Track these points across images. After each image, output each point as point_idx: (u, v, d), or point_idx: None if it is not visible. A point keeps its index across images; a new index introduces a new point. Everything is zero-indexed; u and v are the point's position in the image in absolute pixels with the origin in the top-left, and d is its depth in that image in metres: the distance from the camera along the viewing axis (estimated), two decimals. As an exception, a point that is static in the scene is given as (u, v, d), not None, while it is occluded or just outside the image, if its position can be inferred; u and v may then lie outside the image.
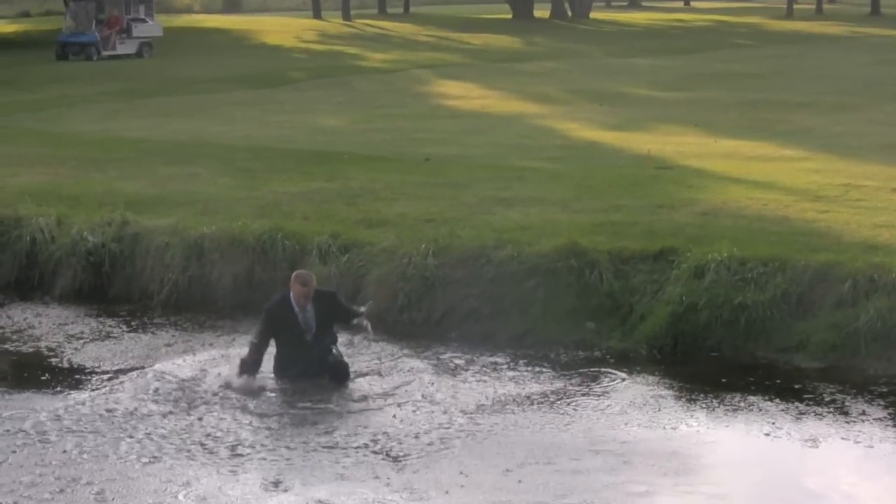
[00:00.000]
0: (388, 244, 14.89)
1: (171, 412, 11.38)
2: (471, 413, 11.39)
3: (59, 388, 12.29)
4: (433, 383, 12.16)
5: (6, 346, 13.99)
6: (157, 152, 21.85)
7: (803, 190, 17.42)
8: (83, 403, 11.63)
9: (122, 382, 12.18)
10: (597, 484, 9.83)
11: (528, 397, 11.86)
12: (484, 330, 13.75)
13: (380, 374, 12.50)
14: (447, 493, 9.71)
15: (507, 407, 11.59)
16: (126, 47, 45.95)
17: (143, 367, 12.64)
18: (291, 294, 12.08)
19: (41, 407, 11.60)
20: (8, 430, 11.01)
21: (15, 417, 11.35)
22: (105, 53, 44.98)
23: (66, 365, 13.15)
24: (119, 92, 32.79)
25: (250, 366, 12.02)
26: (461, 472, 10.07)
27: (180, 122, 26.15)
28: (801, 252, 13.74)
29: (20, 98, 31.30)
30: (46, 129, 25.24)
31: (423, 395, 11.84)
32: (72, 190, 18.37)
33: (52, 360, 13.38)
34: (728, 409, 11.58)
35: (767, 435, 10.98)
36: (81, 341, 14.00)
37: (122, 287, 15.81)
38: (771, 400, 11.75)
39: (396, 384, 12.15)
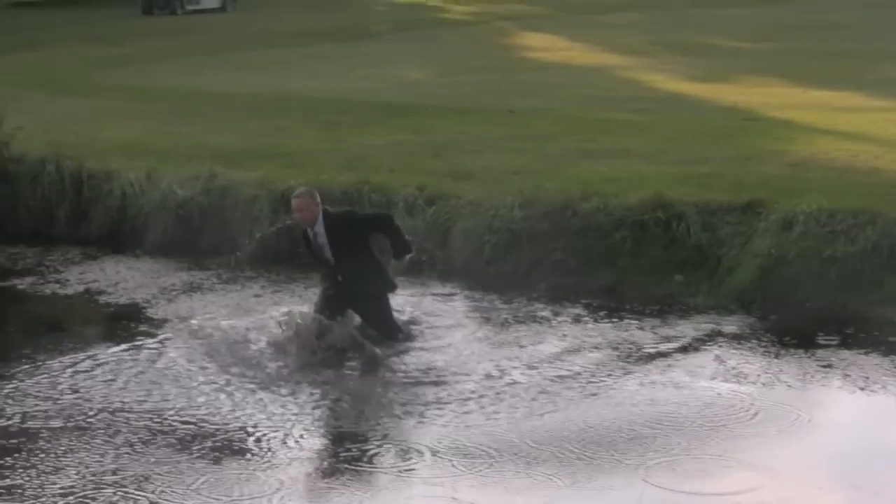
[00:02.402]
0: (474, 197, 14.93)
1: (258, 362, 11.56)
2: (556, 364, 11.45)
3: (153, 339, 12.50)
4: (520, 335, 12.24)
5: (101, 298, 14.23)
6: (243, 106, 21.98)
7: (894, 141, 17.22)
8: (176, 351, 11.92)
9: (211, 333, 12.36)
10: (677, 444, 9.84)
11: (615, 349, 11.90)
12: (570, 282, 13.78)
13: (463, 325, 12.60)
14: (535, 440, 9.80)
15: (592, 359, 11.63)
16: (210, 1, 46.12)
17: (233, 318, 12.82)
18: None
19: (136, 356, 11.88)
20: (106, 379, 11.32)
21: (111, 364, 11.69)
22: (189, 7, 45.18)
23: (159, 316, 13.35)
24: (204, 45, 32.95)
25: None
26: (551, 422, 10.15)
27: (265, 76, 26.26)
28: (891, 204, 13.57)
29: (107, 53, 31.54)
30: (133, 84, 25.44)
31: (510, 345, 11.93)
32: (160, 144, 18.55)
33: (147, 311, 13.60)
34: (820, 364, 11.48)
35: (862, 389, 10.91)
36: (173, 293, 14.22)
37: (212, 240, 15.98)
38: (865, 354, 11.66)
39: (482, 334, 12.24)
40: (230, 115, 21.05)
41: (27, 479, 9.33)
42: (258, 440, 9.94)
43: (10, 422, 10.49)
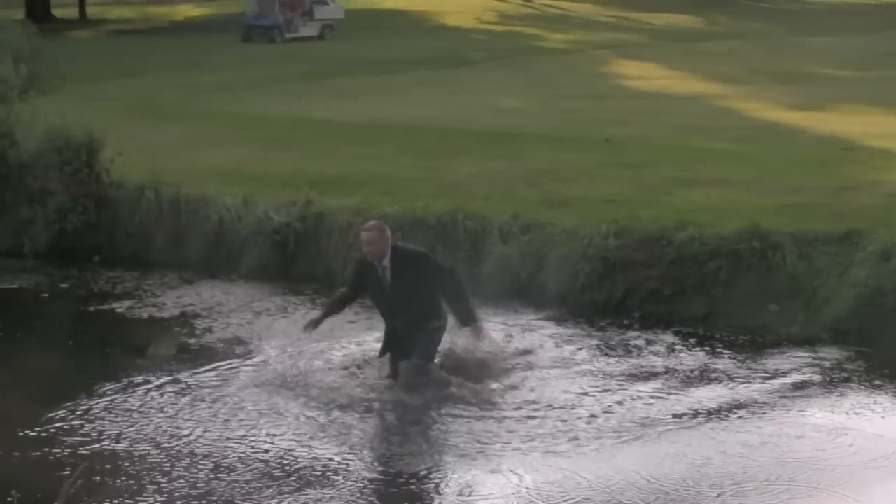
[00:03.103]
0: (568, 225, 14.92)
1: (349, 384, 11.66)
2: (648, 393, 11.40)
3: (247, 362, 12.62)
4: (612, 363, 12.21)
5: (196, 322, 14.38)
6: (340, 133, 22.13)
7: None
8: (270, 374, 12.09)
9: (306, 356, 12.47)
10: (770, 475, 9.73)
11: (707, 379, 11.82)
12: (664, 311, 13.72)
13: (555, 353, 12.59)
14: (627, 470, 9.75)
15: (685, 389, 11.55)
16: (308, 29, 46.56)
17: (325, 342, 12.90)
18: None
19: (227, 381, 12.03)
20: (196, 402, 11.48)
21: (203, 388, 11.85)
22: (288, 36, 45.64)
23: (253, 340, 13.46)
24: (302, 73, 33.24)
25: (327, 306, 12.20)
26: (640, 453, 10.10)
27: (362, 103, 26.42)
28: None
29: (206, 80, 31.92)
30: (232, 110, 25.71)
31: (601, 374, 11.90)
32: (257, 170, 18.71)
33: (241, 335, 13.72)
34: (917, 396, 11.37)
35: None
36: (268, 318, 14.33)
37: (307, 266, 16.10)
38: (964, 388, 11.51)
39: (574, 362, 12.23)
40: (327, 141, 21.20)
41: (113, 499, 9.43)
42: (340, 470, 9.99)
43: (101, 443, 10.63)
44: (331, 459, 10.19)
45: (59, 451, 10.45)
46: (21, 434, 10.86)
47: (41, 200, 17.84)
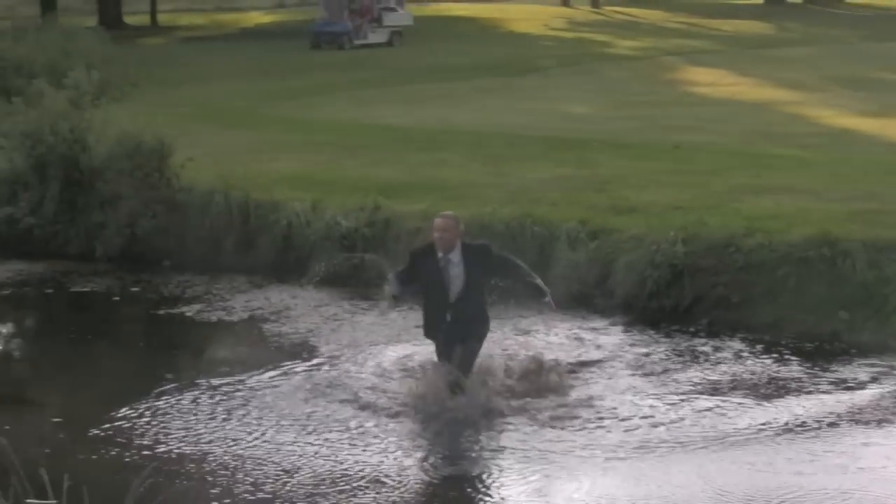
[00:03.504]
0: (636, 231, 14.89)
1: (405, 389, 11.71)
2: (715, 401, 11.35)
3: (312, 367, 12.69)
4: (679, 369, 12.17)
5: (266, 326, 14.48)
6: (408, 139, 22.20)
7: None
8: (334, 378, 12.18)
9: (370, 360, 12.55)
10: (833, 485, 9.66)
11: (775, 387, 11.75)
12: (731, 318, 13.65)
13: (622, 359, 12.58)
14: (690, 481, 9.70)
15: (752, 397, 11.49)
16: (377, 36, 46.68)
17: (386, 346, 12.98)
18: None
19: (294, 384, 12.11)
20: (268, 402, 11.58)
21: (273, 390, 11.95)
22: (357, 42, 45.78)
23: (321, 345, 13.54)
24: (370, 80, 33.35)
25: (397, 280, 11.65)
26: (704, 463, 10.06)
27: (430, 110, 26.48)
28: None
29: (276, 86, 32.11)
30: (301, 117, 25.85)
31: (668, 381, 11.86)
32: (326, 175, 18.81)
33: (309, 340, 13.80)
34: None
35: None
36: (336, 322, 14.41)
37: (374, 271, 16.13)
38: None
39: (640, 368, 12.20)
40: (395, 147, 21.27)
41: (179, 500, 9.52)
42: (397, 475, 10.04)
43: (168, 444, 10.74)
44: (388, 464, 10.22)
45: (127, 451, 10.59)
46: (91, 433, 11.03)
47: (113, 205, 18.05)
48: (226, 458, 10.43)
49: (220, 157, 19.78)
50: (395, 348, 13.02)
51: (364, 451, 10.49)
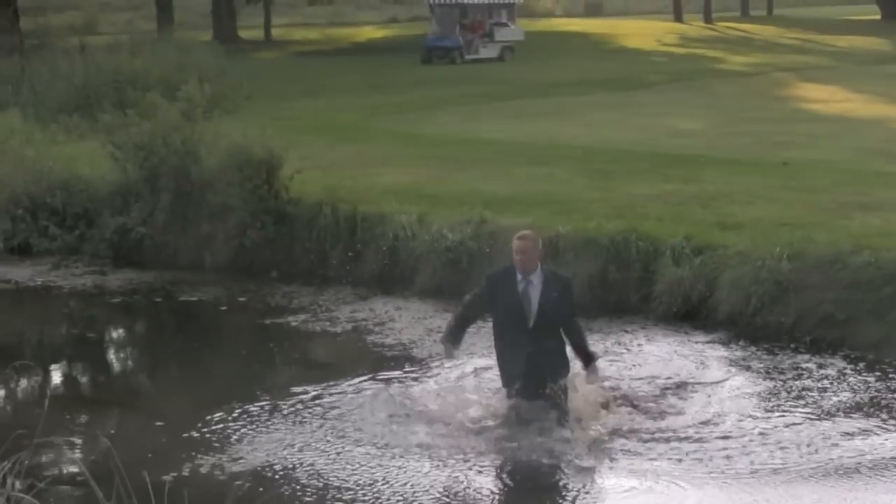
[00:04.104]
0: (742, 247, 14.79)
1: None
2: (816, 420, 11.26)
3: (413, 380, 12.77)
4: (780, 387, 12.09)
5: (369, 337, 14.61)
6: (516, 153, 22.23)
7: None
8: (433, 389, 12.19)
9: (470, 374, 12.57)
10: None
11: (878, 407, 11.62)
12: (836, 336, 13.51)
13: (725, 374, 12.53)
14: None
15: (855, 417, 11.37)
16: (488, 51, 46.78)
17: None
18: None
19: (394, 396, 12.14)
20: (363, 416, 11.63)
21: (368, 399, 12.05)
22: (468, 57, 45.90)
23: (423, 357, 13.62)
24: (480, 94, 33.45)
25: (452, 328, 11.32)
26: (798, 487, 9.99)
27: (539, 124, 26.52)
28: None
29: (386, 100, 32.33)
30: (410, 130, 26.01)
31: (769, 398, 11.79)
32: (433, 189, 18.92)
33: (412, 351, 13.90)
34: None
35: None
36: (439, 335, 14.42)
37: (480, 284, 16.15)
38: None
39: (742, 385, 12.13)
40: (503, 162, 21.31)
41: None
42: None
43: (264, 451, 10.90)
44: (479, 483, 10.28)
45: (224, 455, 10.78)
46: (191, 437, 11.26)
47: (222, 216, 18.31)
48: (321, 464, 10.54)
49: (329, 169, 19.97)
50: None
51: (448, 469, 10.51)
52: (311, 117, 28.32)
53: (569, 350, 11.16)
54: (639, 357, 13.25)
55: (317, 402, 12.09)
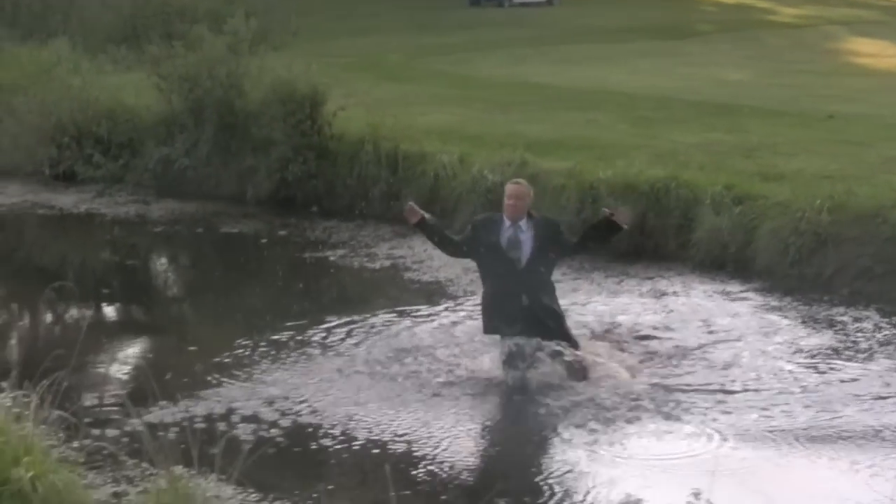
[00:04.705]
0: (782, 198, 14.76)
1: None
2: (850, 372, 11.26)
3: (446, 316, 12.87)
4: (815, 338, 12.11)
5: (406, 274, 14.75)
6: (560, 98, 22.19)
7: None
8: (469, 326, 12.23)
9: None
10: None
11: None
12: (874, 290, 13.49)
13: (759, 324, 12.57)
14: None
15: (887, 368, 11.37)
16: (537, -5, 46.53)
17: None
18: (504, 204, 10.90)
19: (423, 330, 12.33)
20: (398, 346, 11.80)
21: (397, 332, 12.26)
22: (516, 1, 45.67)
23: (459, 294, 13.71)
24: (527, 38, 33.29)
25: (439, 230, 11.30)
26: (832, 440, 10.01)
27: (585, 70, 26.40)
28: None
29: (433, 41, 32.25)
30: (456, 72, 25.98)
31: (803, 349, 11.81)
32: (475, 130, 18.93)
33: (448, 289, 14.00)
34: None
35: None
36: (476, 273, 14.49)
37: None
38: None
39: (775, 335, 12.17)
40: (546, 106, 21.29)
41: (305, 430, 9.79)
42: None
43: (293, 375, 11.08)
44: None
45: (254, 380, 10.93)
46: (223, 361, 11.45)
47: (265, 150, 18.41)
48: (349, 390, 10.70)
49: (373, 108, 19.93)
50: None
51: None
52: (356, 56, 28.31)
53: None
54: (673, 304, 13.27)
55: (346, 332, 12.23)
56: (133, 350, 12.18)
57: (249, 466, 7.77)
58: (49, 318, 13.19)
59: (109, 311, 14.27)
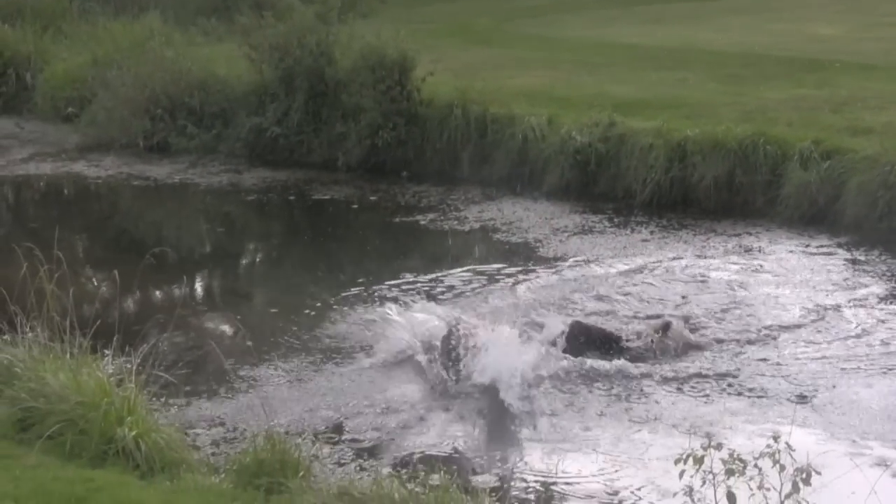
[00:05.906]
0: (870, 152, 14.71)
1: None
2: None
3: (538, 277, 13.03)
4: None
5: (496, 235, 14.91)
6: (648, 58, 22.14)
7: None
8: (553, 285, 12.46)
9: (587, 274, 12.87)
10: None
11: None
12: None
13: (845, 278, 12.64)
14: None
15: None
16: (627, -45, 46.26)
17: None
18: None
19: (537, 292, 12.47)
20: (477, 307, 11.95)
21: (488, 294, 12.49)
22: (605, -39, 45.47)
23: (549, 256, 13.87)
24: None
25: None
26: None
27: (674, 29, 26.28)
28: None
29: (520, 4, 32.17)
30: (543, 34, 25.97)
31: (891, 304, 11.85)
32: (563, 92, 18.98)
33: (538, 250, 14.16)
34: None
35: None
36: (565, 234, 14.70)
37: (607, 185, 16.34)
38: None
39: (861, 289, 12.22)
40: (634, 66, 21.27)
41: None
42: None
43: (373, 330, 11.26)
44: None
45: (347, 342, 11.21)
46: (310, 324, 11.79)
47: (355, 117, 18.60)
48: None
49: (462, 72, 20.03)
50: (622, 262, 13.22)
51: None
52: (445, 21, 28.39)
53: None
54: (761, 259, 13.33)
55: (434, 293, 12.48)
56: (229, 314, 12.46)
57: (347, 426, 7.97)
58: (148, 284, 13.50)
59: (205, 277, 14.62)
